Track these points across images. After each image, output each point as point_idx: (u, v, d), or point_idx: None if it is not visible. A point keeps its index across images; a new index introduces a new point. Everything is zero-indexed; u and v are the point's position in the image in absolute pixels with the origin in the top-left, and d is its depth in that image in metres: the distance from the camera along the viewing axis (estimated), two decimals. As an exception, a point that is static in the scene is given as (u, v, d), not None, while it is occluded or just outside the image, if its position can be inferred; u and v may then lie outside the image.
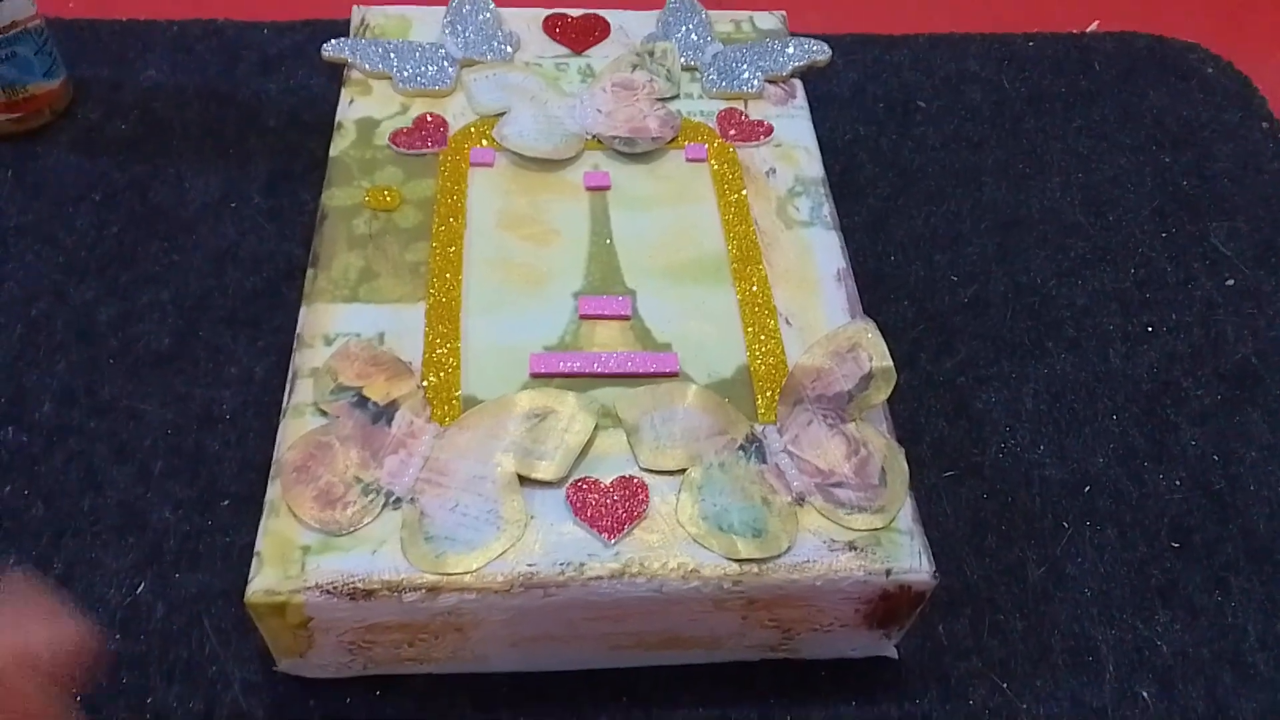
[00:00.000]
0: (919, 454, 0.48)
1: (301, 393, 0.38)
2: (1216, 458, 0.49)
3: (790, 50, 0.52)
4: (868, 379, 0.38)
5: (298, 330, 0.40)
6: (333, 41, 0.50)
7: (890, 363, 0.38)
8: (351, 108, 0.49)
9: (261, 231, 0.55)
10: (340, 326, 0.41)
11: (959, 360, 0.52)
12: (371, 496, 0.36)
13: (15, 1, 0.53)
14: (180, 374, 0.48)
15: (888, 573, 0.35)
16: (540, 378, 0.40)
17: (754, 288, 0.43)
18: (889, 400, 0.39)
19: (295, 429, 0.37)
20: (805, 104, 0.51)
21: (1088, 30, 0.71)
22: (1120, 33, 0.71)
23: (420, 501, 0.36)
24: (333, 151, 0.47)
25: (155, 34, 0.64)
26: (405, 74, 0.50)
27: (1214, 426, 0.50)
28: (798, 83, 0.52)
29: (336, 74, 0.51)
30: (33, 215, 0.54)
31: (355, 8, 0.53)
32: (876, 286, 0.54)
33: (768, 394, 0.39)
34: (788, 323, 0.42)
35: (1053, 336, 0.53)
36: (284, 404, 0.38)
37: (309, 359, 0.39)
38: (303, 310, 0.41)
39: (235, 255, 0.53)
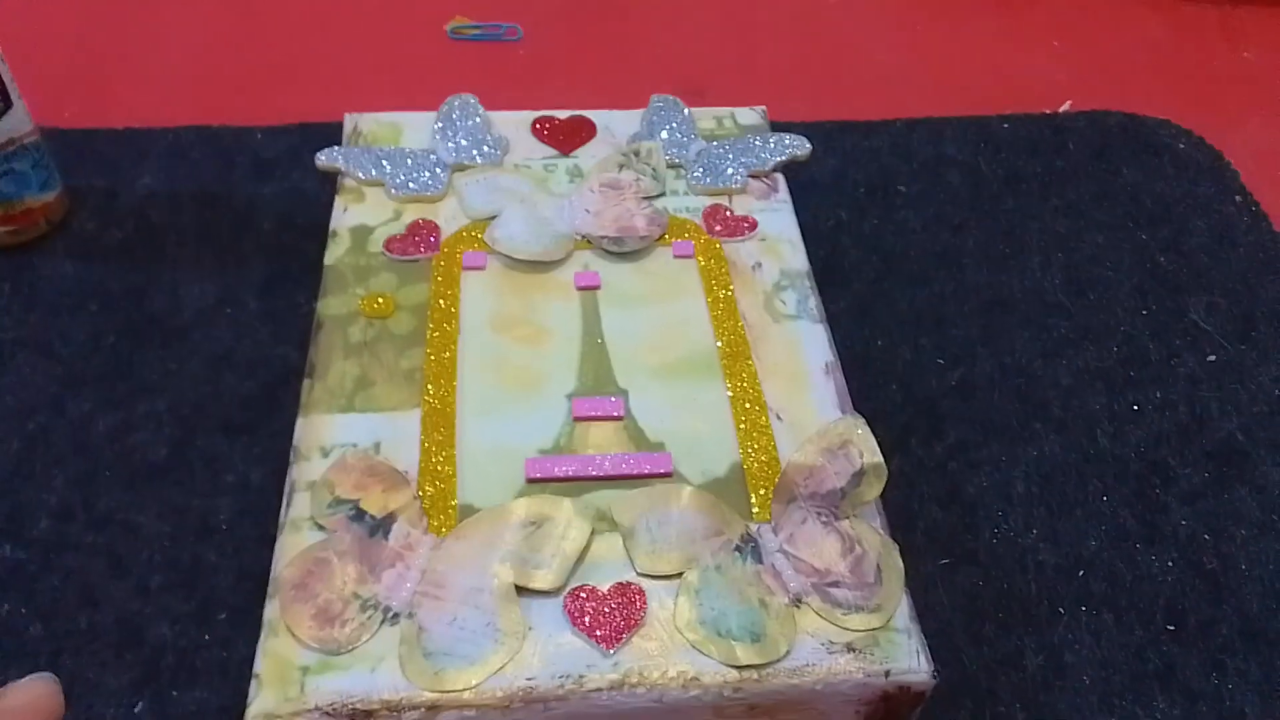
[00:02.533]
0: (913, 542, 0.48)
1: (299, 506, 0.39)
2: (1207, 537, 0.49)
3: (772, 145, 0.54)
4: (859, 475, 0.39)
5: (294, 442, 0.41)
6: (326, 150, 0.52)
7: (880, 459, 0.39)
8: (345, 215, 0.50)
9: (256, 335, 0.55)
10: (337, 437, 0.41)
11: (949, 444, 0.52)
12: (370, 613, 0.36)
13: (13, 119, 0.55)
14: (177, 485, 0.49)
15: (886, 674, 0.35)
16: (536, 482, 0.40)
17: (744, 383, 0.44)
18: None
19: (293, 544, 0.38)
20: (788, 197, 0.52)
21: (1060, 110, 0.73)
22: (1092, 111, 0.73)
23: (418, 616, 0.36)
24: (328, 260, 0.48)
25: (151, 141, 0.66)
26: (398, 181, 0.51)
27: (1204, 505, 0.51)
28: (780, 177, 0.53)
29: (329, 177, 0.52)
30: (29, 328, 0.55)
31: (347, 115, 0.55)
32: (864, 371, 0.55)
33: (761, 491, 0.40)
34: (778, 418, 0.42)
35: (1040, 417, 0.54)
36: (281, 518, 0.39)
37: (306, 471, 0.40)
38: (299, 422, 0.42)
39: (230, 361, 0.54)
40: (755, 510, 0.39)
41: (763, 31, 0.81)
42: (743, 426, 0.42)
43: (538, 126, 0.55)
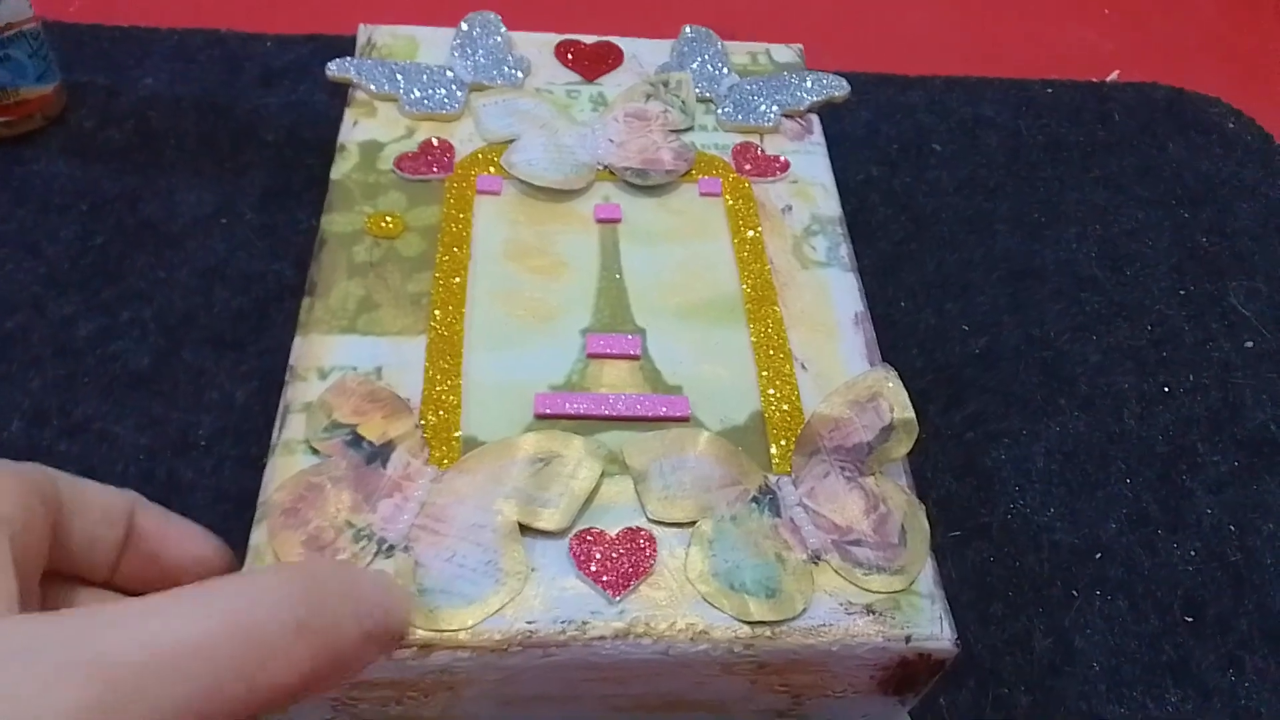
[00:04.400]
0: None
1: (292, 428, 0.36)
2: (1233, 528, 0.47)
3: (808, 84, 0.51)
4: (888, 430, 0.36)
5: (290, 361, 0.38)
6: (338, 60, 0.49)
7: (912, 414, 0.36)
8: (355, 129, 0.47)
9: (252, 249, 0.53)
10: (336, 359, 0.38)
11: (968, 414, 0.50)
12: (363, 543, 0.33)
13: (11, 3, 0.52)
14: (158, 396, 0.46)
15: (907, 639, 0.33)
16: (545, 419, 0.37)
17: (769, 330, 0.41)
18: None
19: (285, 467, 0.35)
20: (822, 140, 0.49)
21: (1107, 79, 0.70)
22: (1140, 83, 0.70)
23: (415, 550, 0.33)
24: (334, 174, 0.45)
25: (156, 41, 0.63)
26: (412, 97, 0.48)
27: (1230, 495, 0.48)
28: (815, 118, 0.50)
29: (339, 91, 0.49)
30: (16, 223, 0.52)
31: (361, 26, 0.52)
32: (885, 333, 0.52)
33: (782, 442, 0.37)
34: (803, 367, 0.40)
35: (1065, 393, 0.51)
36: (273, 439, 0.36)
37: (302, 392, 0.37)
38: (297, 340, 0.39)
39: (223, 273, 0.51)
40: (775, 461, 0.37)
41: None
42: (765, 374, 0.40)
43: (561, 50, 0.52)
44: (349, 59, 0.49)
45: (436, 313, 0.40)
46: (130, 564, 0.29)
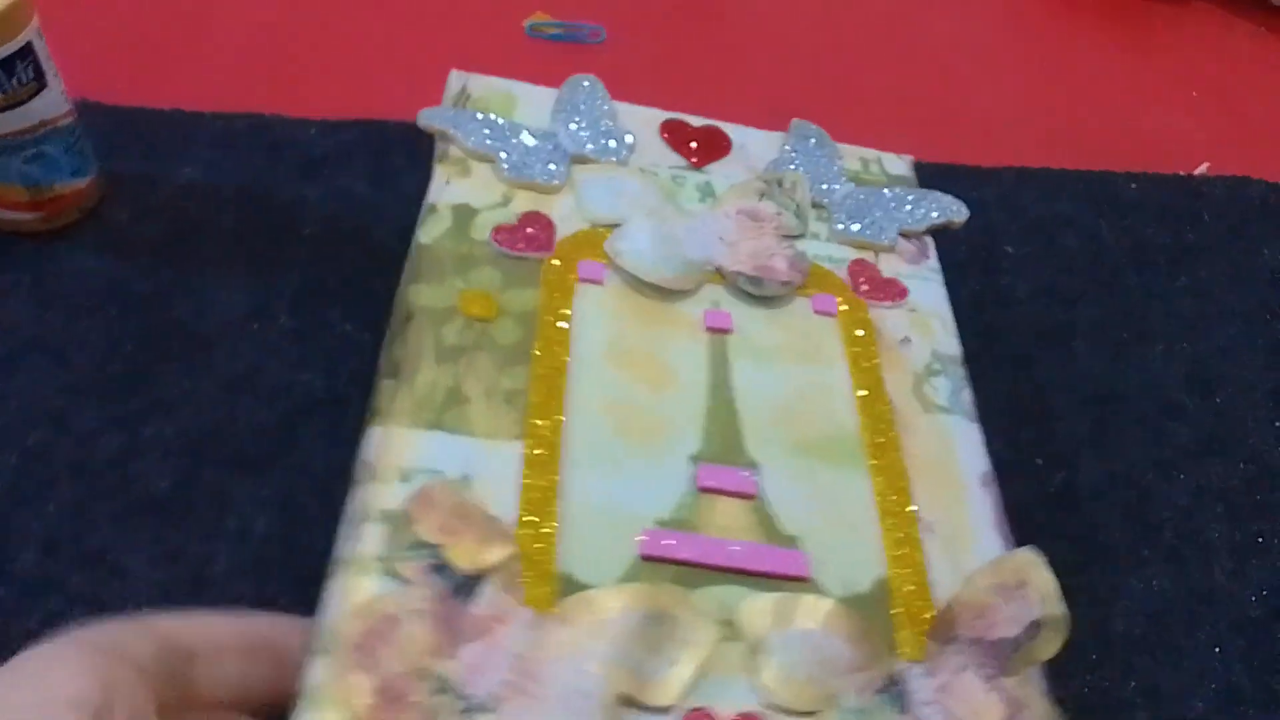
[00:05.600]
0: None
1: (368, 541, 0.31)
2: (1339, 711, 0.42)
3: (927, 203, 0.47)
4: (1036, 626, 0.31)
5: (367, 457, 0.33)
6: (431, 110, 0.44)
7: (1065, 610, 0.31)
8: (447, 189, 0.42)
9: (282, 356, 0.51)
10: (421, 459, 0.34)
11: (1041, 564, 0.46)
12: (443, 697, 0.28)
13: (47, 99, 0.50)
14: (174, 525, 0.44)
15: None
16: (651, 560, 0.33)
17: (892, 481, 0.37)
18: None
19: (356, 589, 0.30)
20: (938, 266, 0.45)
21: (1196, 173, 0.65)
22: (1232, 177, 0.65)
23: (503, 712, 0.28)
24: (423, 238, 0.40)
25: (199, 126, 0.61)
26: (513, 160, 0.44)
27: (1337, 671, 0.44)
28: (930, 241, 0.46)
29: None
30: (45, 326, 0.51)
31: (454, 73, 0.47)
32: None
33: (907, 621, 0.33)
34: (930, 530, 0.36)
35: (1150, 542, 0.47)
36: (341, 550, 0.31)
37: (379, 497, 0.32)
38: (375, 431, 0.34)
39: (252, 383, 0.49)
40: (900, 647, 0.33)
41: (864, 56, 0.74)
42: (890, 534, 0.35)
43: (669, 129, 0.48)
44: (445, 108, 0.45)
45: (537, 421, 0.36)
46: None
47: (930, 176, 0.62)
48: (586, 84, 0.48)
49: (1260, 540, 0.48)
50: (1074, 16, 0.78)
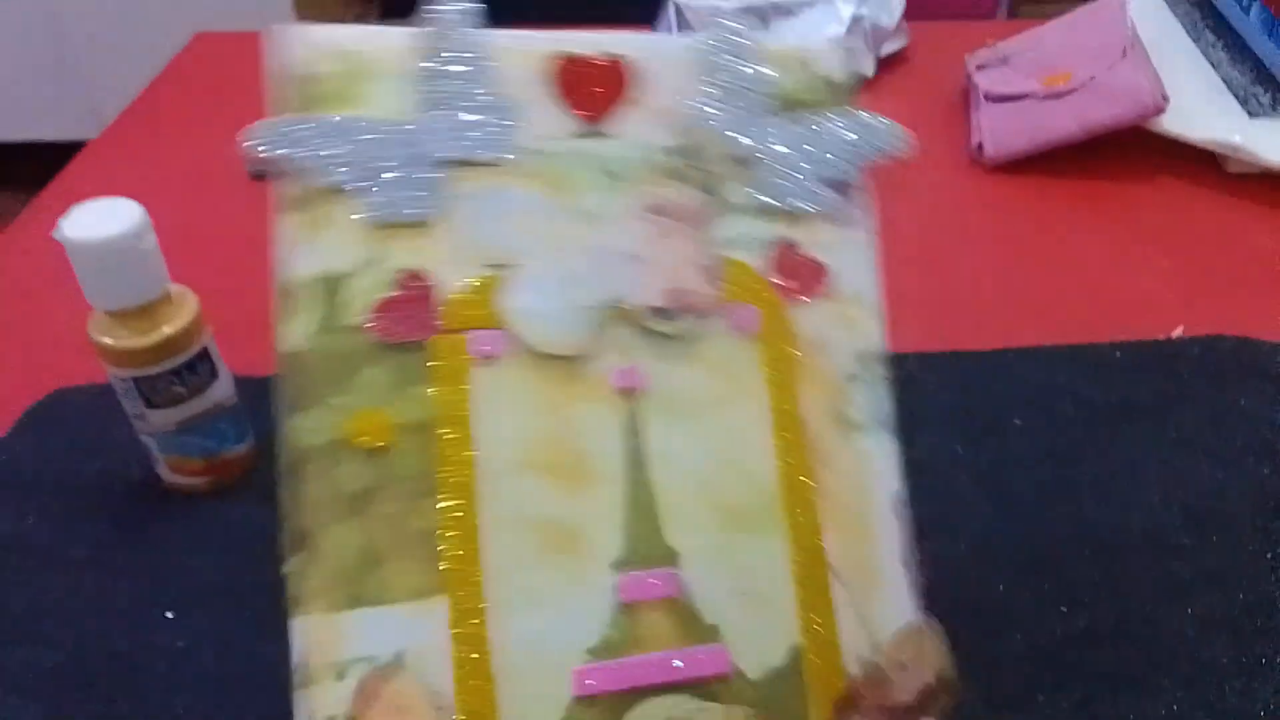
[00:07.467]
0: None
1: None
2: (1349, 810, 0.49)
3: (863, 138, 0.41)
4: (930, 690, 0.37)
5: (297, 657, 0.32)
6: (262, 125, 0.34)
7: (953, 673, 0.37)
8: (300, 255, 0.34)
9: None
10: (349, 648, 0.32)
11: (1075, 700, 0.54)
12: None
13: (218, 387, 0.63)
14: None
15: None
16: (586, 699, 0.34)
17: (806, 540, 0.37)
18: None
19: None
20: (867, 216, 0.41)
21: (1173, 335, 0.75)
22: (1205, 336, 0.75)
23: None
24: (286, 343, 0.33)
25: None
26: (373, 197, 0.34)
27: (1343, 772, 0.50)
28: (862, 189, 0.41)
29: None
30: (224, 572, 0.61)
31: (278, 30, 0.36)
32: (984, 618, 0.57)
33: (819, 694, 0.37)
34: (839, 577, 0.37)
35: (1166, 671, 0.55)
36: None
37: (323, 703, 0.31)
38: (297, 625, 0.32)
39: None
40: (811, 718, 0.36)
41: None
42: (803, 602, 0.37)
43: (560, 72, 0.39)
44: (277, 120, 0.34)
45: (453, 566, 0.33)
46: None
47: (939, 364, 0.73)
48: (452, 14, 0.38)
49: (1264, 661, 0.55)
50: (1045, 203, 0.90)
